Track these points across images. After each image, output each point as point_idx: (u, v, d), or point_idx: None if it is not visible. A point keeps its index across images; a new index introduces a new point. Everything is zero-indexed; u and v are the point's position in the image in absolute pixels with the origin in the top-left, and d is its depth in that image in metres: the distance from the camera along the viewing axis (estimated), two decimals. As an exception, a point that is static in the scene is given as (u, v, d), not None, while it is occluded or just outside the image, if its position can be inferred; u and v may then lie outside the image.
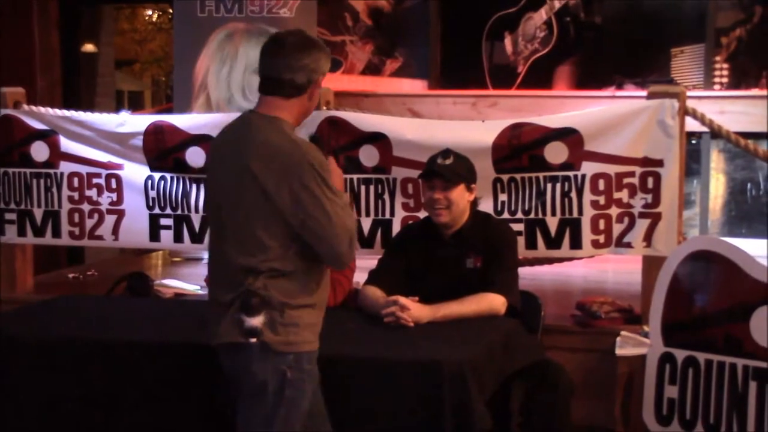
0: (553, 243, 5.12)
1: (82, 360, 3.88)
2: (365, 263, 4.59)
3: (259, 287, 3.29)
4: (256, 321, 3.27)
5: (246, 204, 3.31)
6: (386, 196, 5.36)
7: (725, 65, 7.74)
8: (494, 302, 4.13)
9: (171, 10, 10.24)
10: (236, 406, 3.43)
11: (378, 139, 5.32)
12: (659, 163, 4.93)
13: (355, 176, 5.38)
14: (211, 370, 3.55)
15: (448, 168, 4.29)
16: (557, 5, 7.94)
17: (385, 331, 3.97)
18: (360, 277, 4.51)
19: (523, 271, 5.06)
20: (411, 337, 3.88)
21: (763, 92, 7.51)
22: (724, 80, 7.76)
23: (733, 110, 7.19)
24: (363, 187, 5.37)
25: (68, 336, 4.03)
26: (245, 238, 3.32)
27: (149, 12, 19.08)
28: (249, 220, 3.31)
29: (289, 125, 3.37)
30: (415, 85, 8.41)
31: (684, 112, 4.92)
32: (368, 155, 5.34)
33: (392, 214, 5.35)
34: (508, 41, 8.17)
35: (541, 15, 8.00)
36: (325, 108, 5.46)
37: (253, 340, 3.28)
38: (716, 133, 5.15)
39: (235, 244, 3.34)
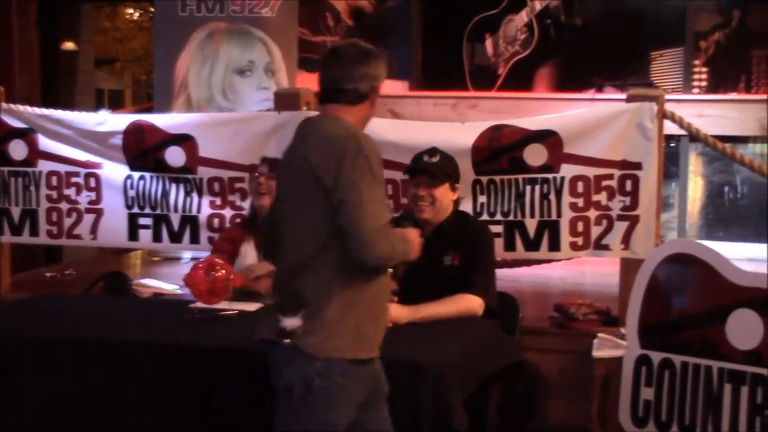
0: (532, 245, 5.13)
1: (59, 359, 3.87)
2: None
3: (299, 286, 3.25)
4: (291, 322, 3.22)
5: (300, 193, 3.30)
6: (365, 197, 5.36)
7: (704, 69, 7.79)
8: (472, 304, 4.14)
9: (152, 9, 10.21)
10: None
11: (358, 139, 5.31)
12: (638, 165, 4.95)
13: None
14: (194, 372, 3.55)
15: (434, 165, 4.31)
16: (538, 7, 7.96)
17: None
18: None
19: (502, 273, 5.09)
20: (390, 338, 3.87)
21: (742, 96, 7.57)
22: (703, 84, 7.81)
23: (711, 114, 7.25)
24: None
25: (43, 334, 4.01)
26: (296, 230, 3.31)
27: (130, 10, 19.01)
28: (301, 210, 3.30)
29: (352, 124, 3.37)
30: (396, 86, 8.41)
31: (663, 115, 4.95)
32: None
33: (373, 214, 5.34)
34: (488, 43, 8.19)
35: (522, 17, 8.02)
36: (304, 108, 5.46)
37: (287, 340, 3.23)
38: (694, 136, 5.17)
39: (287, 239, 3.34)
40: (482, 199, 5.18)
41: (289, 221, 3.36)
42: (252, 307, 4.30)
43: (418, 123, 5.89)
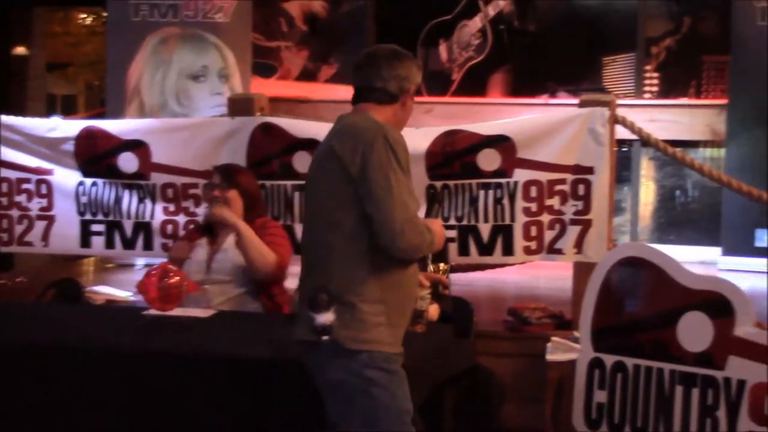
0: (486, 249, 5.15)
1: (9, 366, 3.83)
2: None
3: (327, 280, 3.23)
4: (325, 318, 3.19)
5: (325, 184, 3.32)
6: (320, 203, 5.35)
7: (655, 74, 7.87)
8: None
9: (105, 14, 10.13)
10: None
11: (313, 145, 5.27)
12: (590, 170, 4.99)
13: (289, 183, 5.37)
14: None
15: None
16: (492, 13, 8.00)
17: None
18: (294, 284, 4.50)
19: (456, 278, 5.09)
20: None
21: (692, 101, 7.66)
22: (655, 89, 7.89)
23: (662, 119, 7.33)
24: (297, 194, 5.35)
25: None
26: (323, 222, 3.30)
27: (83, 15, 18.85)
28: (327, 201, 3.30)
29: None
30: (351, 92, 8.39)
31: (614, 120, 4.99)
32: (303, 162, 5.31)
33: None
34: (443, 48, 8.22)
35: (476, 23, 8.06)
36: (258, 114, 5.44)
37: (325, 337, 3.20)
38: (646, 141, 5.22)
39: (314, 232, 3.34)
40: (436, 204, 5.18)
41: (315, 214, 3.38)
42: (205, 313, 4.28)
43: (372, 128, 5.87)
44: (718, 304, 4.10)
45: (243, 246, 4.53)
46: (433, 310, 4.09)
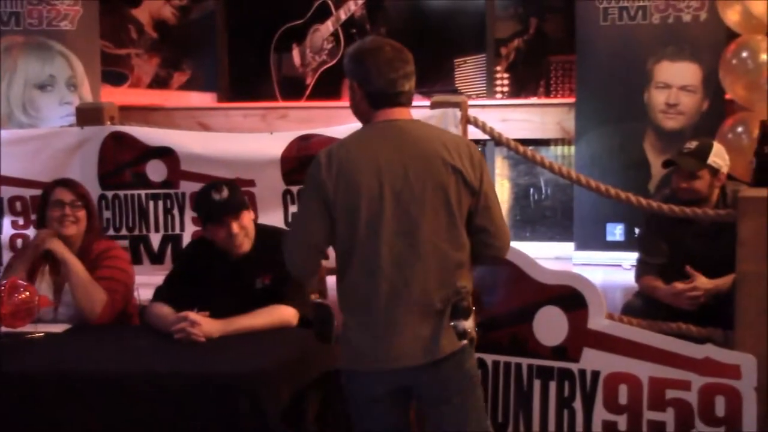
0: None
1: None
2: (154, 279, 4.50)
3: (459, 287, 3.29)
4: (466, 324, 3.27)
5: (443, 197, 3.29)
6: (175, 211, 5.28)
7: (506, 75, 8.02)
8: (286, 314, 4.11)
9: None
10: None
11: (165, 153, 5.24)
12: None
13: (142, 192, 5.28)
14: None
15: (230, 201, 4.22)
16: (343, 17, 8.03)
17: (176, 348, 3.90)
18: (147, 294, 4.42)
19: (317, 282, 5.08)
20: (203, 352, 3.84)
21: (542, 100, 7.83)
22: (505, 89, 8.04)
23: (514, 118, 7.47)
24: (151, 203, 5.27)
25: None
26: (437, 232, 3.29)
27: None
28: (446, 212, 3.29)
29: None
30: (204, 98, 8.33)
31: (466, 120, 5.05)
32: (155, 170, 5.24)
33: (182, 229, 5.28)
34: (296, 53, 8.21)
35: (328, 27, 8.08)
36: (108, 123, 5.34)
37: (464, 341, 3.30)
38: (497, 140, 5.30)
39: (421, 243, 3.27)
40: (293, 208, 5.15)
41: (419, 226, 3.25)
42: (59, 328, 4.17)
43: (226, 135, 5.84)
44: (571, 298, 4.21)
45: (70, 285, 4.32)
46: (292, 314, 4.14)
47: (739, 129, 6.08)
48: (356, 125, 5.27)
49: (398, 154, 3.29)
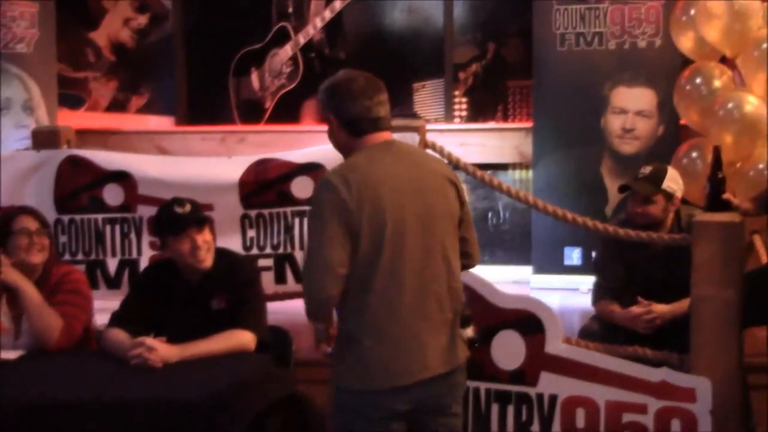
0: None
1: None
2: (111, 304, 4.47)
3: (462, 296, 3.49)
4: (468, 332, 3.52)
5: (450, 213, 3.44)
6: (132, 236, 5.27)
7: (464, 99, 8.06)
8: (243, 338, 4.10)
9: None
10: None
11: (122, 177, 5.22)
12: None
13: (99, 216, 5.26)
14: None
15: (194, 214, 4.21)
16: (302, 41, 8.04)
17: (133, 373, 3.87)
18: (103, 319, 4.38)
19: (275, 306, 5.06)
20: (159, 377, 3.81)
21: (500, 125, 7.87)
22: (464, 113, 8.07)
23: (472, 142, 7.50)
24: (108, 227, 5.25)
25: None
26: (449, 249, 3.41)
27: None
28: (452, 227, 3.45)
29: None
30: (163, 122, 8.30)
31: (425, 145, 5.07)
32: (112, 194, 5.23)
33: (139, 253, 5.27)
34: (254, 77, 8.20)
35: (287, 51, 8.08)
36: (65, 147, 5.32)
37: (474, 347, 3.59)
38: (455, 165, 5.33)
39: (444, 258, 3.39)
40: (251, 233, 5.17)
41: (436, 239, 3.37)
42: (13, 354, 4.12)
43: (184, 158, 5.85)
44: (529, 322, 4.23)
45: (27, 314, 4.24)
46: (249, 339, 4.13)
47: (694, 154, 6.14)
48: (313, 150, 5.33)
49: (410, 171, 3.38)
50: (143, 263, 5.20)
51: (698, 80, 6.11)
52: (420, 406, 3.39)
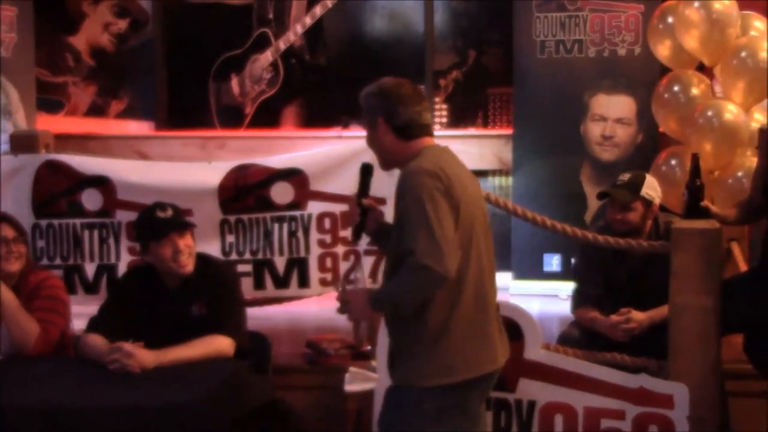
0: (282, 283, 5.16)
1: None
2: (89, 309, 4.45)
3: None
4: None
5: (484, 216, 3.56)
6: (111, 241, 5.25)
7: (444, 105, 8.06)
8: (222, 344, 4.09)
9: None
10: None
11: (101, 182, 5.21)
12: (382, 201, 5.04)
13: (77, 221, 5.24)
14: None
15: (176, 219, 4.20)
16: (282, 47, 8.03)
17: (110, 379, 3.86)
18: (81, 324, 4.36)
19: (255, 312, 5.06)
20: (137, 383, 3.80)
21: (480, 131, 7.88)
22: (444, 120, 8.08)
23: (452, 149, 7.47)
24: (86, 232, 5.23)
25: None
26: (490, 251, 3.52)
27: None
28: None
29: None
30: (142, 127, 8.26)
31: (404, 151, 5.06)
32: (91, 199, 5.21)
33: (117, 258, 5.25)
34: (235, 82, 8.18)
35: (267, 56, 8.07)
36: (43, 151, 5.29)
37: None
38: (435, 171, 5.33)
39: (489, 261, 3.50)
40: (230, 238, 5.17)
41: (489, 237, 3.52)
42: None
43: (163, 164, 5.82)
44: (508, 328, 4.22)
45: (4, 320, 4.22)
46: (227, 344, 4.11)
47: (673, 162, 6.17)
48: (293, 156, 5.33)
49: (467, 174, 3.53)
50: (122, 268, 5.18)
51: (676, 88, 6.14)
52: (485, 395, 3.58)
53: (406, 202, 3.34)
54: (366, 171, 3.70)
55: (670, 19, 6.08)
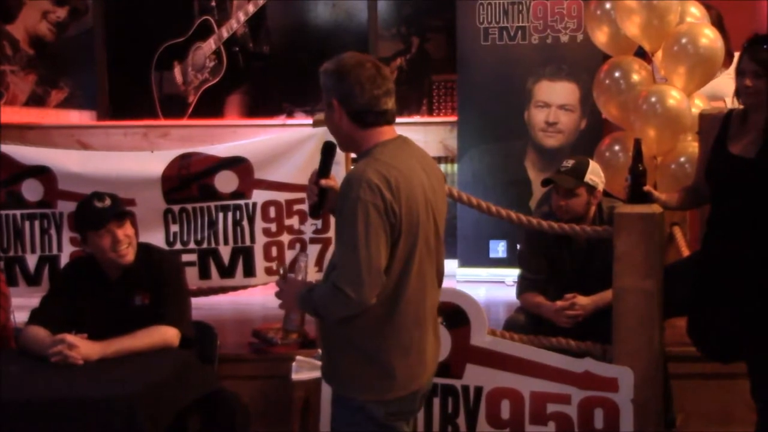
0: (227, 272, 5.13)
1: None
2: (30, 301, 4.39)
3: None
4: None
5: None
6: (52, 231, 5.18)
7: (389, 93, 8.05)
8: (166, 334, 4.06)
9: None
10: None
11: (41, 172, 5.13)
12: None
13: (18, 212, 5.17)
14: None
15: (114, 208, 4.15)
16: (225, 35, 7.98)
17: (53, 371, 3.81)
18: (23, 316, 4.31)
19: (200, 302, 5.04)
20: (80, 375, 3.76)
21: (425, 119, 7.89)
22: (389, 107, 8.07)
23: (400, 137, 7.50)
24: (27, 223, 5.16)
25: None
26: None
27: None
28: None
29: None
30: (84, 116, 8.17)
31: (348, 138, 5.05)
32: (31, 189, 5.14)
33: (59, 249, 5.18)
34: (177, 71, 8.11)
35: (210, 45, 8.01)
36: (-18, 144, 5.21)
37: None
38: (380, 158, 5.32)
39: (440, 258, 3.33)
40: (174, 228, 5.13)
41: (440, 241, 3.30)
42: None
43: (105, 153, 5.76)
44: (454, 314, 4.25)
45: None
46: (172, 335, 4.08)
47: (616, 147, 6.19)
48: (237, 145, 5.30)
49: (426, 171, 3.27)
50: (64, 259, 5.13)
51: (617, 74, 6.16)
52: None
53: (344, 211, 3.10)
54: (327, 150, 3.36)
55: (607, 5, 6.11)
